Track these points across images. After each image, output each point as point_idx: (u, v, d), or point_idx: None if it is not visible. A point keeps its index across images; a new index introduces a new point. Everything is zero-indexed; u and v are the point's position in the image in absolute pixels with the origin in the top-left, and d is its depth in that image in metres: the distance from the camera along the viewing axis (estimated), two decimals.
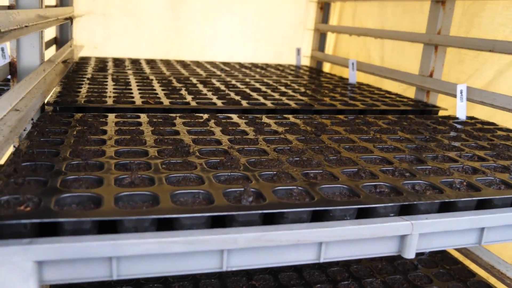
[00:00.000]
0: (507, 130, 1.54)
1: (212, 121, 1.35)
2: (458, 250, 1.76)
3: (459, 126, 1.54)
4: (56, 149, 1.00)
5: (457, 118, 1.68)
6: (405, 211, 0.89)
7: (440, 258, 1.79)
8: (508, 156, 1.21)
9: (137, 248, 0.71)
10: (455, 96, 1.75)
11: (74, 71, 2.13)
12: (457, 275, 1.67)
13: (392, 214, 0.87)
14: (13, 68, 1.55)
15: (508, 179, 1.02)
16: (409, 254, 0.87)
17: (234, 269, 0.79)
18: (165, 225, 0.76)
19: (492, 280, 1.65)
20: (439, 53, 1.95)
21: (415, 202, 0.86)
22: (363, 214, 0.86)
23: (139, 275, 0.76)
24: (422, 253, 1.80)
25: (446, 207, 0.92)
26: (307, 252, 0.82)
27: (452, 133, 1.43)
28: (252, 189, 0.84)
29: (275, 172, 0.94)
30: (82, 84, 1.80)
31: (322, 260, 0.83)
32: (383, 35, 2.35)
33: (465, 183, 0.97)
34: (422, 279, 1.63)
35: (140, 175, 0.87)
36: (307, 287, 1.53)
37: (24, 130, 1.14)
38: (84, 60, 2.53)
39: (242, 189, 0.83)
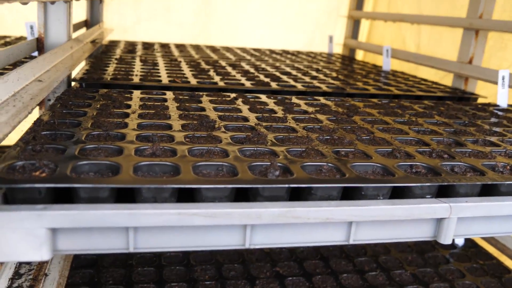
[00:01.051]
0: None
1: (240, 99, 1.30)
2: (493, 245, 1.68)
3: (500, 113, 1.45)
4: (77, 120, 0.97)
5: (498, 106, 1.59)
6: (443, 193, 0.82)
7: (473, 252, 1.70)
8: None
9: (156, 219, 0.67)
10: (495, 83, 1.66)
11: (103, 52, 2.12)
12: (491, 271, 1.59)
13: (429, 196, 0.81)
14: (40, 44, 1.53)
15: None
16: (446, 239, 0.80)
17: (257, 246, 0.75)
18: (186, 197, 0.72)
19: None
20: (480, 39, 1.85)
21: (454, 184, 0.80)
22: (397, 195, 0.80)
23: (157, 249, 0.72)
24: (455, 247, 1.72)
25: (487, 191, 0.85)
26: (336, 232, 0.77)
27: (493, 119, 1.34)
28: (279, 164, 0.79)
29: (304, 149, 0.88)
30: (110, 63, 1.77)
31: (351, 242, 0.78)
32: (420, 20, 2.26)
33: (508, 167, 0.90)
34: (454, 273, 1.55)
35: (162, 146, 0.83)
36: (333, 276, 1.47)
37: (49, 100, 1.11)
38: (114, 43, 2.52)
39: (269, 163, 0.78)
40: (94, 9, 2.46)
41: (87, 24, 2.48)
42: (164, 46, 2.54)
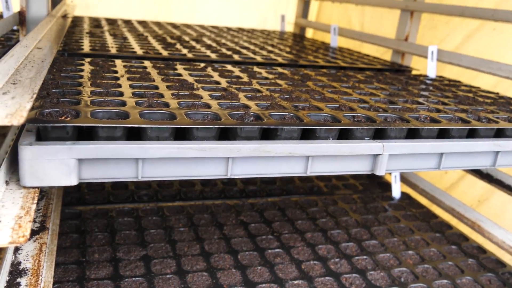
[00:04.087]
0: (470, 86, 1.73)
1: (209, 68, 1.50)
2: (424, 196, 1.97)
3: (428, 82, 1.72)
4: (78, 82, 1.14)
5: (427, 76, 1.86)
6: (378, 136, 1.06)
7: (408, 203, 1.99)
8: (468, 103, 1.39)
9: (160, 151, 0.87)
10: (426, 57, 1.93)
11: (71, 27, 2.24)
12: (421, 217, 1.88)
13: (367, 138, 1.05)
14: (22, 17, 1.66)
15: (466, 117, 1.20)
16: (380, 171, 1.04)
17: (236, 176, 0.96)
18: (181, 138, 0.92)
19: (454, 221, 1.87)
20: (414, 19, 2.12)
21: (386, 127, 1.04)
22: (343, 137, 1.03)
23: (159, 177, 0.92)
24: (392, 199, 2.00)
25: (412, 135, 1.10)
26: (297, 165, 0.99)
27: (422, 86, 1.61)
28: (252, 113, 1.00)
29: (269, 103, 1.10)
30: (83, 37, 1.91)
31: (308, 173, 1.00)
32: (363, 1, 2.50)
33: (428, 118, 1.15)
34: (391, 219, 1.83)
35: (156, 100, 1.02)
36: (289, 222, 1.71)
37: None
38: (78, 19, 2.63)
39: (243, 112, 0.99)
40: None
41: None
42: (127, 22, 2.67)
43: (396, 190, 2.02)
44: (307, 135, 1.01)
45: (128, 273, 1.33)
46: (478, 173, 1.72)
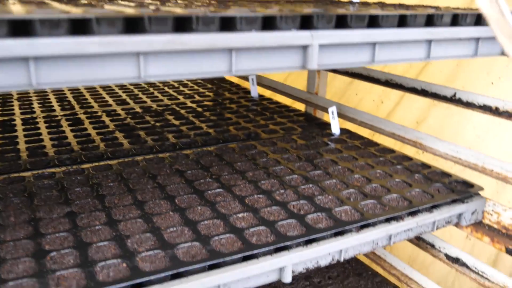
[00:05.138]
0: None
1: None
2: (364, 127, 1.93)
3: None
4: None
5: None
6: (306, 28, 0.97)
7: (348, 136, 1.94)
8: (399, 4, 1.34)
9: (55, 47, 0.73)
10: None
11: None
12: (363, 146, 1.83)
13: (295, 29, 0.95)
14: None
15: (395, 10, 1.14)
16: (312, 65, 0.96)
17: (152, 79, 0.84)
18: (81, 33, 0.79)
19: (396, 146, 1.83)
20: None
21: (313, 14, 0.95)
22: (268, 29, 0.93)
23: (59, 83, 0.78)
24: (332, 135, 1.95)
25: (342, 26, 1.02)
26: (220, 62, 0.88)
27: None
28: (164, 10, 0.88)
29: (186, 3, 0.98)
30: None
31: (234, 72, 0.90)
32: None
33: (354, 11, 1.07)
34: (334, 151, 1.77)
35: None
36: (228, 166, 1.61)
37: None
38: None
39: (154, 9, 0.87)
40: None
41: None
42: None
43: (335, 126, 1.97)
44: (228, 28, 0.90)
45: (50, 230, 1.18)
46: (414, 91, 1.68)
